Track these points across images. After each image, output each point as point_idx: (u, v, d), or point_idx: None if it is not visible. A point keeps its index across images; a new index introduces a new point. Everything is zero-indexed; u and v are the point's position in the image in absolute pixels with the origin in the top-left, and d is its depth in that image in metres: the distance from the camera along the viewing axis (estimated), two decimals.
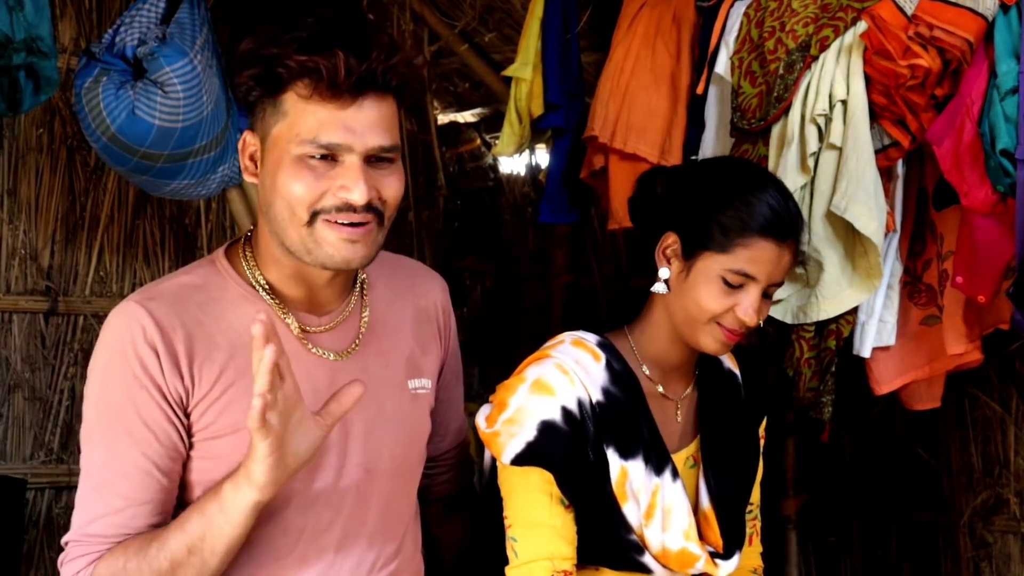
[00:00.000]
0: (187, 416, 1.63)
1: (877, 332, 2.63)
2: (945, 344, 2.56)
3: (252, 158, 1.67)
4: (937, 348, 2.60)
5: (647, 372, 1.89)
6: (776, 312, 2.60)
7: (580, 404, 1.78)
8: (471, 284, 5.78)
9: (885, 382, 2.70)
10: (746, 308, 1.77)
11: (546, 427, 1.77)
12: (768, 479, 2.11)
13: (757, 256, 1.77)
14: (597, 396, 1.80)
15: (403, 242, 4.64)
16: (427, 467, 1.96)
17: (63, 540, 1.65)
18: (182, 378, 1.61)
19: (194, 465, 1.65)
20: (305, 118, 1.57)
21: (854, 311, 2.55)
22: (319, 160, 1.57)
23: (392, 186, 1.63)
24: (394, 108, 1.64)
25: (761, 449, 2.04)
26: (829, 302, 2.51)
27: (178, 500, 1.67)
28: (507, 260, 5.65)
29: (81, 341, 3.84)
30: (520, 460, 1.77)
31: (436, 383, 1.91)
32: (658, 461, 1.83)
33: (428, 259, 4.93)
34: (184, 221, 3.99)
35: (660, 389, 1.90)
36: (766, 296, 1.81)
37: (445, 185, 5.17)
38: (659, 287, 1.85)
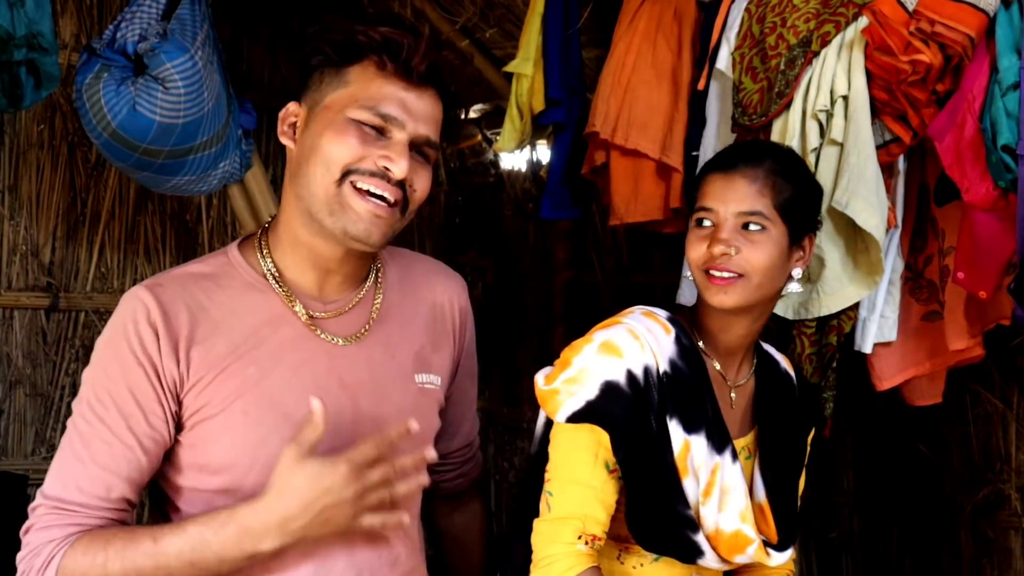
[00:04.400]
0: (179, 403, 1.65)
1: (878, 328, 2.62)
2: (946, 340, 2.56)
3: (292, 126, 1.72)
4: (938, 344, 2.60)
5: (705, 350, 1.92)
6: (777, 308, 2.60)
7: (647, 371, 1.80)
8: (472, 280, 5.77)
9: (886, 378, 2.70)
10: (713, 239, 1.84)
11: (609, 387, 1.78)
12: None
13: (707, 190, 1.88)
14: (664, 367, 1.82)
15: (404, 238, 4.63)
16: (436, 466, 1.95)
17: (31, 507, 1.64)
18: (178, 363, 1.63)
19: (184, 451, 1.67)
20: (369, 88, 1.65)
21: (855, 307, 2.55)
22: (370, 129, 1.64)
23: (424, 179, 1.70)
24: (441, 115, 1.73)
25: (806, 459, 2.05)
26: (830, 298, 2.51)
27: (169, 483, 1.69)
28: (508, 256, 5.65)
29: (82, 337, 3.84)
30: (577, 417, 1.78)
31: (448, 381, 1.92)
32: (720, 439, 1.85)
33: (429, 254, 4.93)
34: (185, 217, 4.00)
35: (718, 367, 1.93)
36: (748, 229, 1.84)
37: (446, 181, 5.18)
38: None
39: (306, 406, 1.65)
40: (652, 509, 1.82)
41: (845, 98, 2.41)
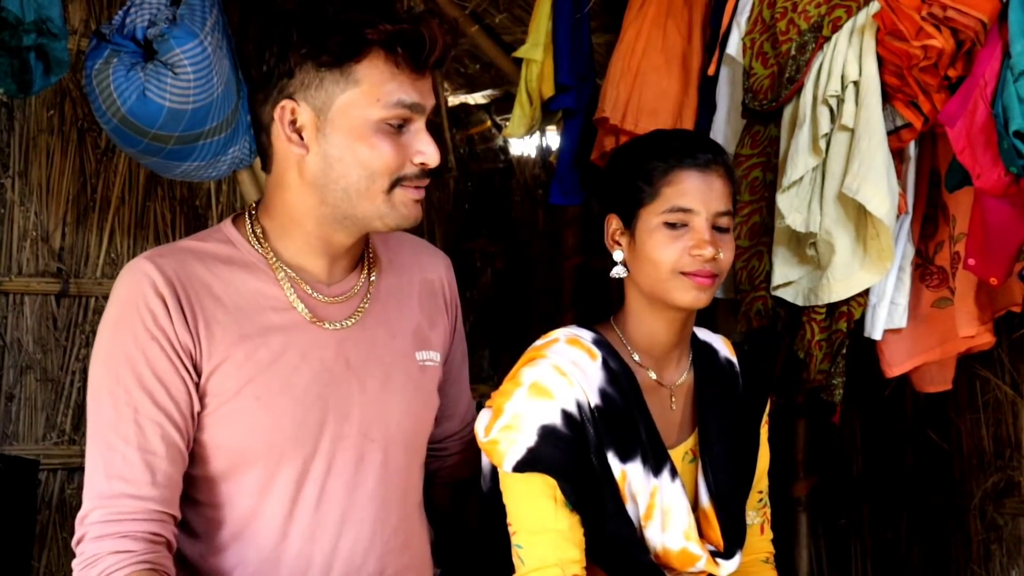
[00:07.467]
0: (197, 373, 1.63)
1: (888, 314, 2.62)
2: (956, 326, 2.56)
3: (298, 129, 1.64)
4: (948, 330, 2.60)
5: (638, 360, 1.85)
6: (787, 294, 2.60)
7: (579, 407, 1.75)
8: (482, 266, 5.78)
9: (896, 364, 2.70)
10: (699, 242, 1.75)
11: (546, 431, 1.73)
12: (778, 461, 2.10)
13: (684, 188, 1.76)
14: (595, 400, 1.77)
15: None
16: (436, 450, 1.96)
17: (80, 516, 1.60)
18: (190, 331, 1.62)
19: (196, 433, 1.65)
20: (385, 82, 1.61)
21: (865, 293, 2.54)
22: (394, 127, 1.62)
23: (436, 145, 1.68)
24: None
25: (763, 440, 2.00)
26: (840, 284, 2.50)
27: (197, 475, 1.66)
28: (517, 242, 5.66)
29: (92, 323, 3.84)
30: (521, 467, 1.73)
31: (445, 358, 1.91)
32: (656, 461, 1.80)
33: (438, 241, 4.93)
34: (195, 203, 3.99)
35: (653, 376, 1.86)
36: (720, 230, 1.78)
37: (455, 167, 5.17)
38: (617, 271, 1.85)
39: (316, 390, 1.66)
40: (609, 539, 1.79)
41: (856, 83, 2.40)
